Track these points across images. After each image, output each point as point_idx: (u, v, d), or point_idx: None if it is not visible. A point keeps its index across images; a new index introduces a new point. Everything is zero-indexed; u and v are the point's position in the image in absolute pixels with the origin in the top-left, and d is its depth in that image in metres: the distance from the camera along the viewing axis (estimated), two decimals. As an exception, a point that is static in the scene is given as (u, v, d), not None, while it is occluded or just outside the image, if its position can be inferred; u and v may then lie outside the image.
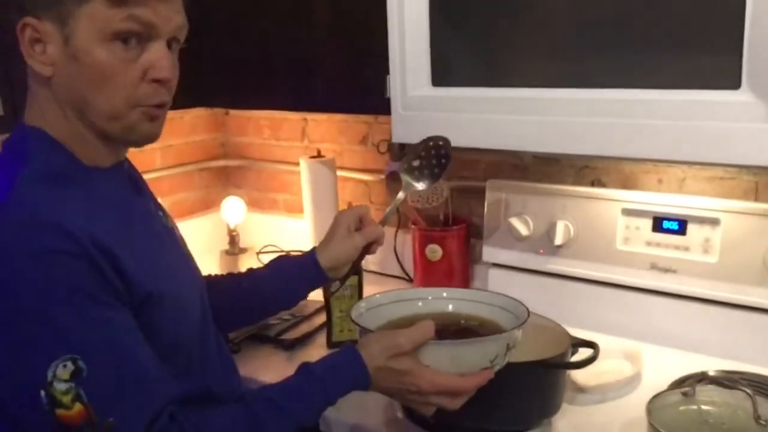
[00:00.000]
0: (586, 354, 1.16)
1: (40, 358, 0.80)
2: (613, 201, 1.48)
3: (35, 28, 0.86)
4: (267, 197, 2.22)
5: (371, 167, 1.94)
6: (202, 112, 2.15)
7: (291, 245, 2.06)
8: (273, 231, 2.13)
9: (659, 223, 1.43)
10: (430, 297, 1.17)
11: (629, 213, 1.46)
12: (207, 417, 0.91)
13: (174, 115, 2.03)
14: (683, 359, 1.35)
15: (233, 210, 2.11)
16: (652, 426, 0.98)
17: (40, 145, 0.90)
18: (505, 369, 1.02)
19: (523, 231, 1.55)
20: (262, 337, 1.52)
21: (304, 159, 1.89)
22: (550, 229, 1.52)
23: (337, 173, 1.91)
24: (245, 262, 2.02)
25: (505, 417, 1.14)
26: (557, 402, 1.18)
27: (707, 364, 1.31)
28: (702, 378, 1.04)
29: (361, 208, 1.21)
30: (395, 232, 1.84)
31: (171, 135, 2.08)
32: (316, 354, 1.47)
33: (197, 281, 1.08)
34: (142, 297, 0.88)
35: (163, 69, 0.89)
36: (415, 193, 1.67)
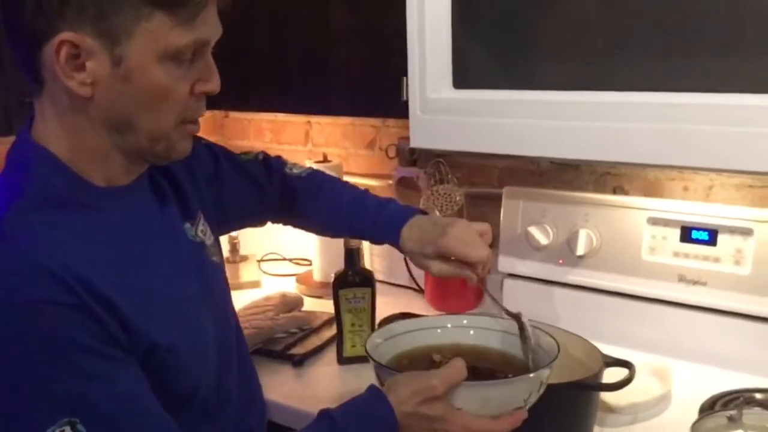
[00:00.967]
0: (619, 374, 1.09)
1: (34, 425, 0.71)
2: (639, 209, 1.41)
3: (75, 44, 0.76)
4: (268, 203, 2.14)
5: (378, 172, 1.87)
6: (201, 115, 2.07)
7: (293, 253, 2.00)
8: (275, 238, 2.05)
9: (688, 232, 1.36)
10: (449, 325, 1.09)
11: (656, 222, 1.39)
12: None
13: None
14: (714, 376, 1.29)
15: (233, 216, 2.02)
16: (698, 453, 0.91)
17: (42, 166, 0.81)
18: (536, 391, 0.95)
19: (542, 240, 1.48)
20: (269, 351, 1.44)
21: (309, 163, 1.81)
22: (572, 239, 1.45)
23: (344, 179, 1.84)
24: (246, 270, 1.94)
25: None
26: (590, 424, 1.11)
27: (740, 382, 1.24)
28: (748, 400, 0.97)
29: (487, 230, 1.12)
30: (405, 241, 1.77)
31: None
32: (327, 372, 1.40)
33: (220, 315, 0.98)
34: (149, 348, 0.80)
35: (212, 81, 0.84)
36: (429, 199, 1.60)
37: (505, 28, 1.17)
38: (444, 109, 1.23)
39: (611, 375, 1.11)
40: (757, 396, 1.10)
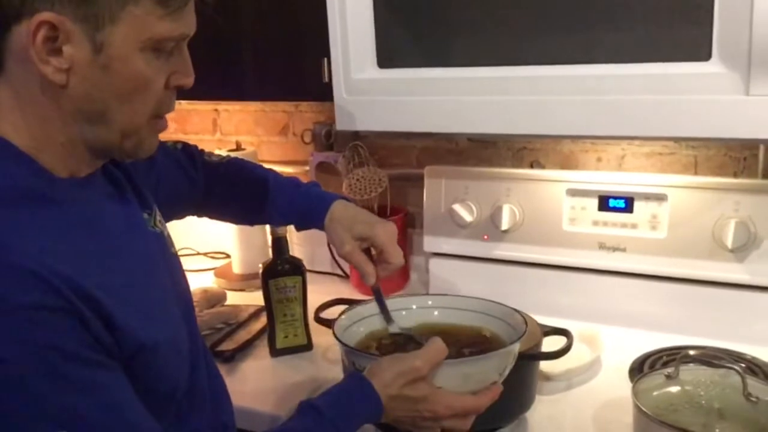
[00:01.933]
0: (556, 342, 1.12)
1: None
2: (557, 182, 1.45)
3: (54, 26, 0.69)
4: (176, 196, 2.05)
5: (293, 159, 1.83)
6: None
7: (208, 246, 1.93)
8: (186, 233, 1.96)
9: (605, 201, 1.41)
10: (414, 306, 1.11)
11: (574, 193, 1.43)
12: None
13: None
14: (640, 338, 1.34)
15: (141, 212, 1.93)
16: (642, 412, 0.94)
17: (3, 158, 0.74)
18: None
19: (467, 217, 1.49)
20: (197, 350, 1.38)
21: (220, 152, 1.74)
22: (495, 214, 1.47)
23: (258, 167, 1.78)
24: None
25: (482, 415, 1.07)
26: (533, 393, 1.13)
27: (664, 341, 1.31)
28: (684, 357, 1.02)
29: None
30: (327, 227, 1.74)
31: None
32: (260, 365, 1.36)
33: (185, 301, 0.94)
34: (135, 349, 0.75)
35: (189, 75, 0.80)
36: (351, 183, 1.58)
37: (426, 4, 1.16)
38: (369, 89, 1.21)
39: (548, 344, 1.14)
40: (691, 353, 1.15)
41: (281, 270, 1.34)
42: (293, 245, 1.77)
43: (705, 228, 1.32)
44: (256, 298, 1.50)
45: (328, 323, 1.17)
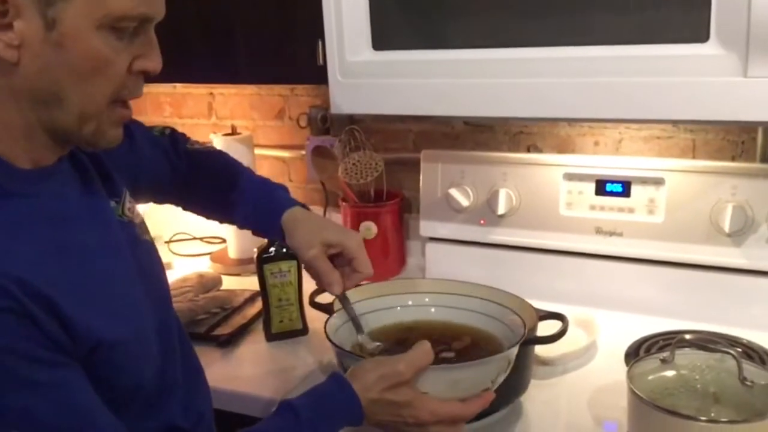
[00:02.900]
0: (552, 326, 1.11)
1: None
2: (554, 166, 1.44)
3: (4, 0, 0.67)
4: (172, 181, 2.04)
5: (289, 143, 1.81)
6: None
7: (203, 231, 1.92)
8: (182, 218, 1.95)
9: (602, 185, 1.40)
10: (410, 302, 1.10)
11: (571, 177, 1.42)
12: None
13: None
14: (636, 323, 1.34)
15: (136, 197, 1.92)
16: (637, 396, 0.94)
17: None
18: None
19: (463, 202, 1.49)
20: (192, 334, 1.37)
21: (216, 136, 1.73)
22: (492, 198, 1.47)
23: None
24: (154, 253, 1.85)
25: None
26: (528, 377, 1.13)
27: (660, 326, 1.30)
28: (680, 341, 1.01)
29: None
30: (323, 212, 1.73)
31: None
32: (255, 350, 1.36)
33: (157, 290, 0.92)
34: (92, 346, 0.73)
35: (154, 60, 0.77)
36: (348, 168, 1.57)
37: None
38: (364, 72, 1.20)
39: (543, 328, 1.13)
40: (687, 337, 1.15)
41: (276, 254, 1.34)
42: (288, 230, 1.76)
43: (702, 212, 1.31)
44: (251, 283, 1.49)
45: (323, 308, 1.17)
